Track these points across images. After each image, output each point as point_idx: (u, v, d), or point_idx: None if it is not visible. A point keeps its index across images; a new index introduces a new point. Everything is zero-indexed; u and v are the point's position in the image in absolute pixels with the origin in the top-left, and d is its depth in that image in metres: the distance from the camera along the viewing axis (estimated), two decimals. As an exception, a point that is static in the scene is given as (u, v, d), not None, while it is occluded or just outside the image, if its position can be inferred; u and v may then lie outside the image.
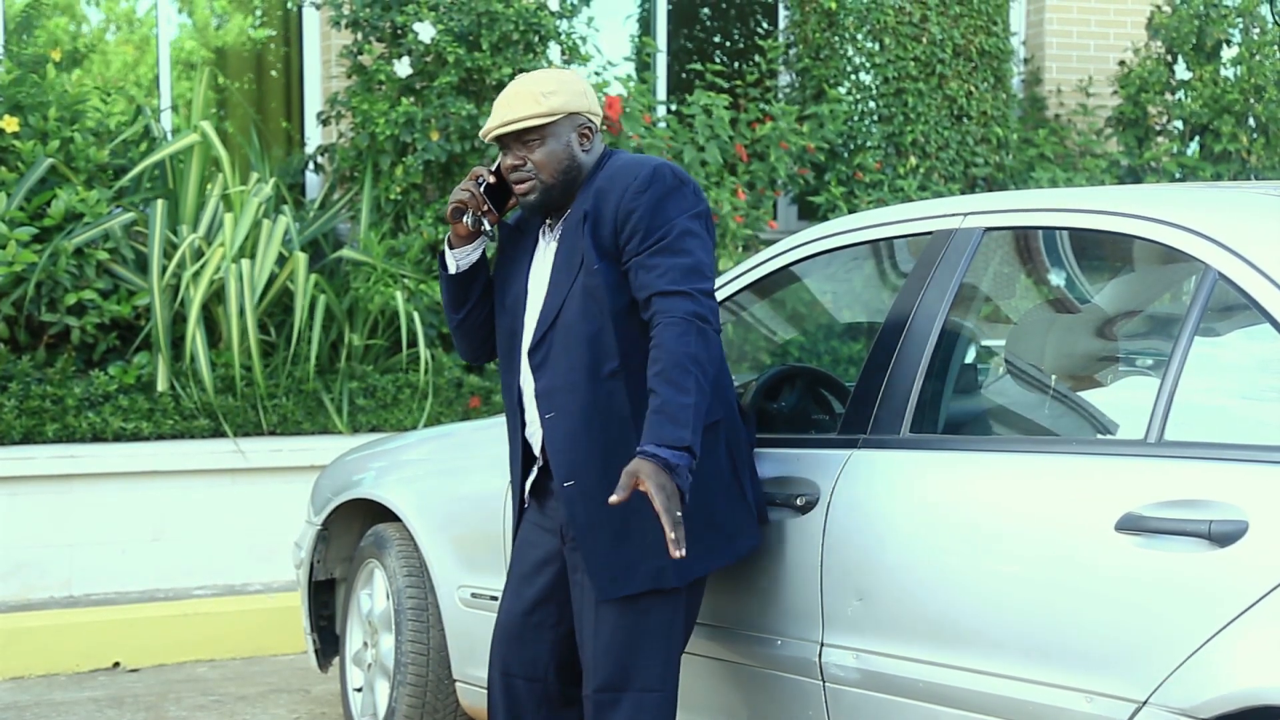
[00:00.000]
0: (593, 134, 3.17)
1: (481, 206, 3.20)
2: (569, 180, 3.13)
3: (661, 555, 2.93)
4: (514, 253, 3.26)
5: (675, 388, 2.87)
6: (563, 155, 3.11)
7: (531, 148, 3.10)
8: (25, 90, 6.45)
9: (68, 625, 5.60)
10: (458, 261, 3.26)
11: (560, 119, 3.11)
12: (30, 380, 6.08)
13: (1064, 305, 3.52)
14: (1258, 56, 8.36)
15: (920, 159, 8.18)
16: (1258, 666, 2.44)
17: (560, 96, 3.10)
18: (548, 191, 3.12)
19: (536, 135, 3.10)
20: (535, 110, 3.08)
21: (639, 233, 3.00)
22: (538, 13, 6.85)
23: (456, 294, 3.30)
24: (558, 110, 3.10)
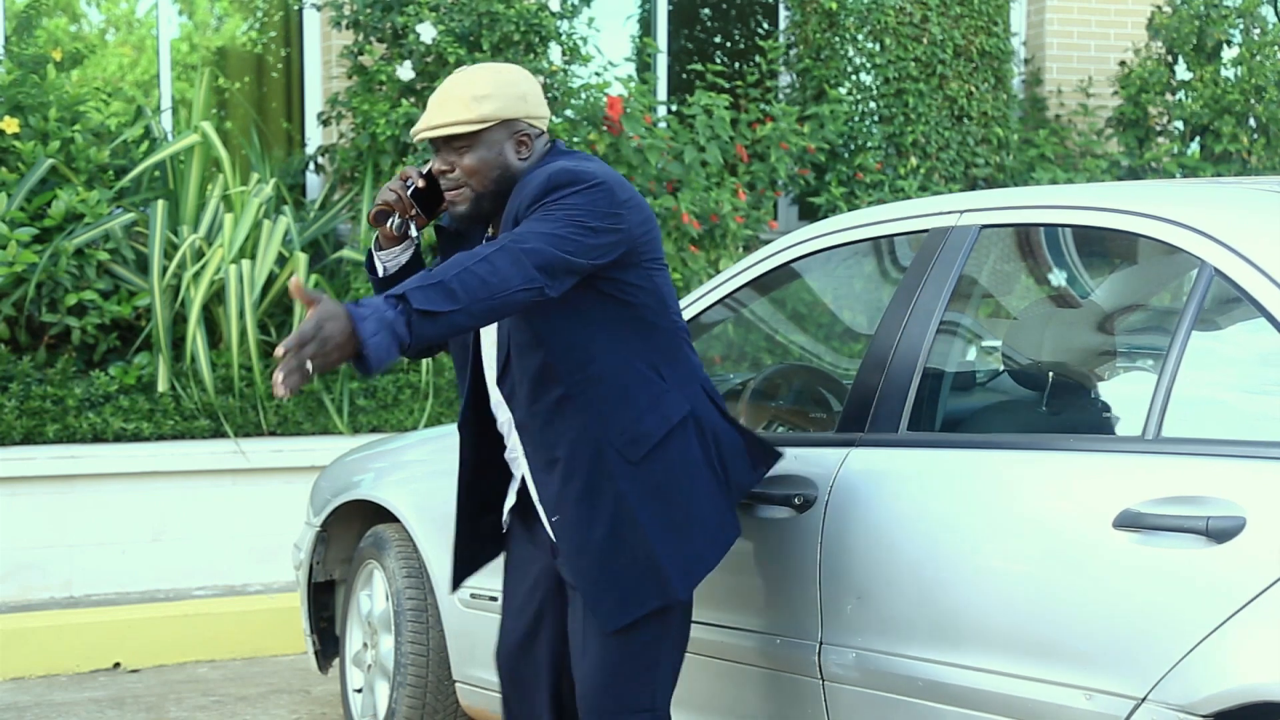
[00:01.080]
0: (532, 140, 2.95)
1: (409, 211, 3.01)
2: (501, 190, 2.93)
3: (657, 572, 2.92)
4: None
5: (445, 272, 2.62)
6: (495, 164, 2.92)
7: (461, 154, 2.91)
8: (26, 91, 6.45)
9: (68, 626, 5.60)
10: (384, 264, 3.07)
11: (493, 126, 2.91)
12: (31, 381, 6.08)
13: (1061, 302, 3.52)
14: (1258, 57, 8.35)
15: (921, 159, 8.18)
16: (1256, 662, 2.43)
17: (494, 102, 2.90)
18: (477, 202, 2.94)
19: (466, 142, 2.91)
20: (464, 116, 2.89)
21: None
22: (539, 13, 6.85)
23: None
24: (489, 117, 2.90)
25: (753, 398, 3.94)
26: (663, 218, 7.13)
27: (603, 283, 2.88)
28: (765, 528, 3.23)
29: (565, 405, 2.91)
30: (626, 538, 2.92)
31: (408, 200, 2.99)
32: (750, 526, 3.27)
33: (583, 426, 2.91)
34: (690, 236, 7.23)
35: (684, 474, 2.96)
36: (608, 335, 2.91)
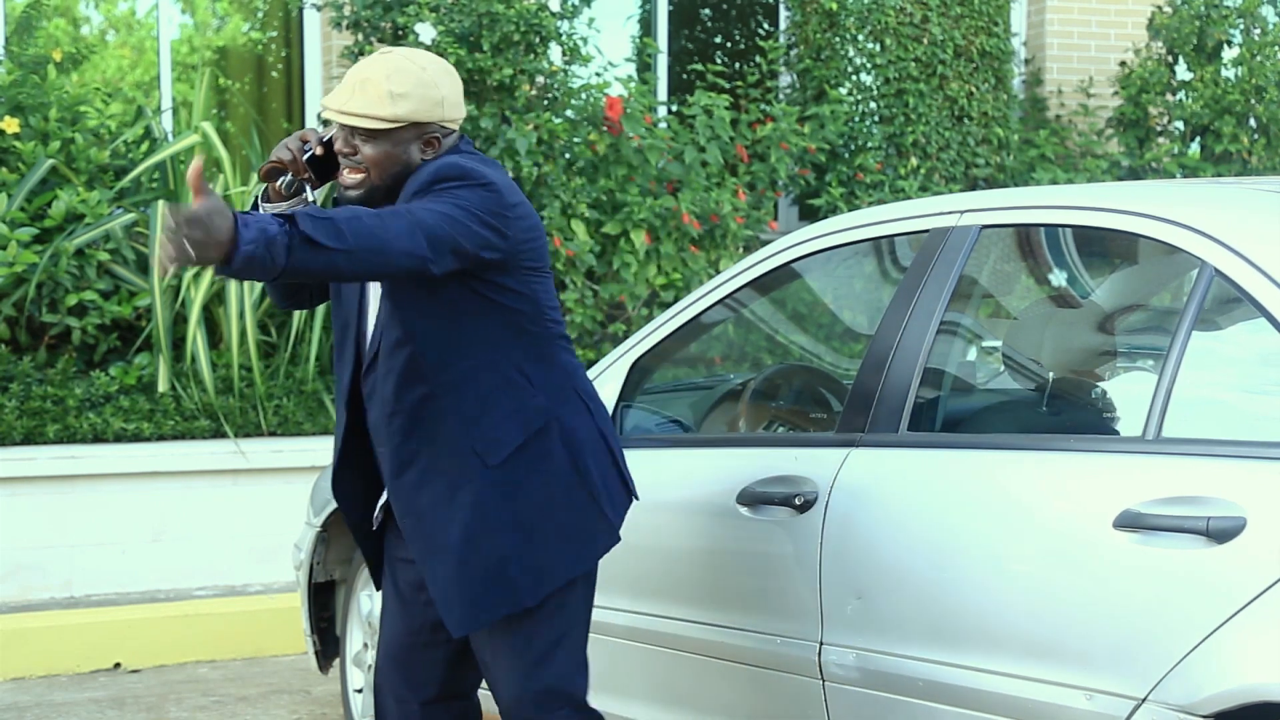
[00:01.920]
0: (440, 141, 2.91)
1: (302, 173, 2.93)
2: (399, 181, 2.89)
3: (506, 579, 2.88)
4: None
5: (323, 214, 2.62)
6: (399, 159, 2.87)
7: (366, 142, 2.87)
8: (26, 91, 6.45)
9: (68, 626, 5.60)
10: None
11: (403, 127, 2.86)
12: (31, 381, 6.08)
13: (1061, 302, 3.52)
14: (1258, 57, 8.35)
15: (921, 160, 8.18)
16: (1257, 662, 2.43)
17: (410, 103, 2.84)
18: (372, 191, 2.89)
19: (373, 134, 2.86)
20: (378, 111, 2.83)
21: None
22: (539, 14, 6.85)
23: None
24: (402, 118, 2.84)
25: (753, 398, 3.94)
26: (663, 218, 7.13)
27: (479, 284, 2.85)
28: (766, 528, 3.23)
29: (428, 404, 2.89)
30: (480, 543, 2.88)
31: (302, 163, 2.93)
32: (751, 527, 3.27)
33: (444, 427, 2.89)
34: (690, 237, 7.23)
35: (543, 481, 2.92)
36: (478, 335, 2.89)
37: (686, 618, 3.43)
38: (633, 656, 3.55)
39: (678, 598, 3.46)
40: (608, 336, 7.21)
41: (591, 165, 7.17)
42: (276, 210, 2.95)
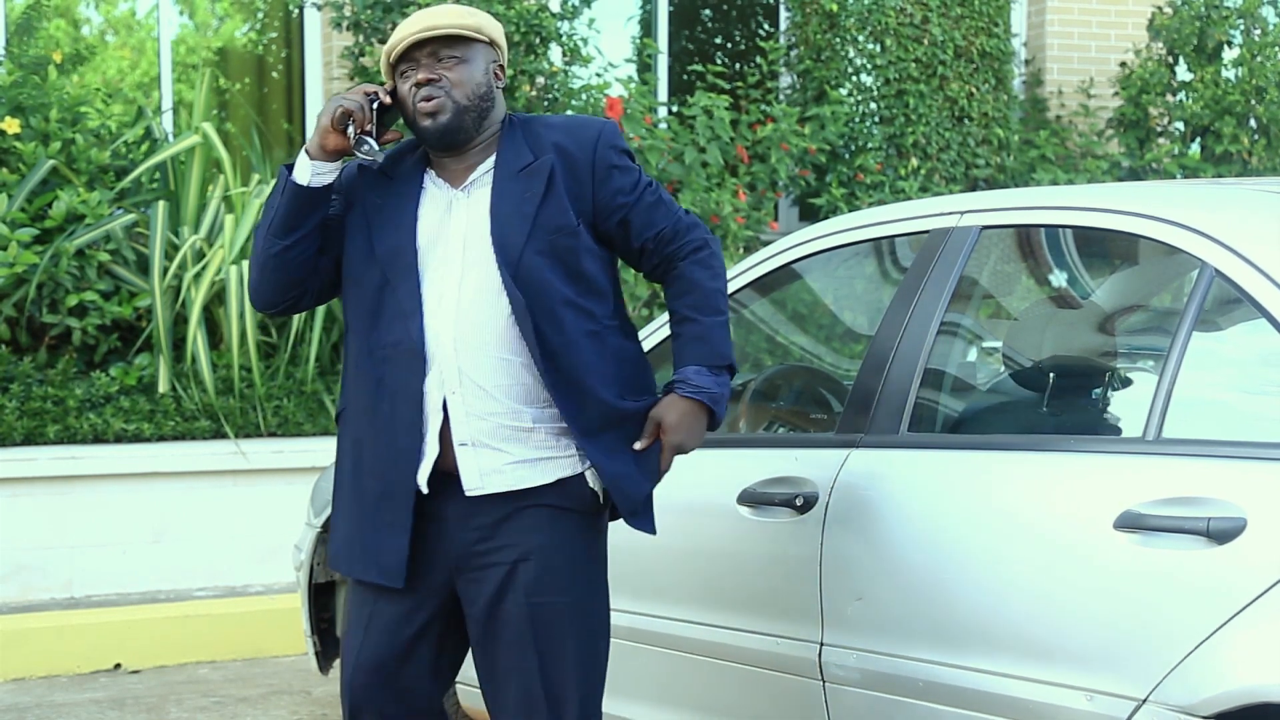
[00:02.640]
0: (503, 75, 2.92)
1: (366, 125, 2.82)
2: (483, 110, 2.85)
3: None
4: (380, 201, 2.89)
5: (710, 311, 2.86)
6: (482, 81, 2.85)
7: (449, 65, 2.82)
8: (27, 92, 6.46)
9: (69, 627, 5.60)
10: (314, 174, 2.83)
11: (483, 44, 2.87)
12: (31, 381, 6.08)
13: (1061, 303, 3.52)
14: (1259, 58, 8.35)
15: (921, 160, 8.18)
16: (1257, 663, 2.43)
17: (487, 19, 2.90)
18: (460, 114, 2.82)
19: (457, 52, 2.83)
20: (464, 22, 2.83)
21: (626, 184, 2.88)
22: (539, 14, 6.85)
23: (295, 213, 2.84)
24: (484, 29, 2.86)
25: (754, 399, 3.94)
26: (663, 219, 7.12)
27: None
28: (767, 529, 3.23)
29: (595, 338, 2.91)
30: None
31: (370, 112, 2.83)
32: (752, 528, 3.27)
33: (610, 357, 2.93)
34: (691, 237, 7.22)
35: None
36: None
37: (687, 618, 3.43)
38: (634, 657, 3.55)
39: (678, 598, 3.46)
40: (608, 337, 7.20)
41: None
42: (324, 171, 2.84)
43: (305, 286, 2.94)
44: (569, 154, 2.85)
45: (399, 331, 2.82)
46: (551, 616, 2.83)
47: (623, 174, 2.88)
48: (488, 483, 2.81)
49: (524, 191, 2.82)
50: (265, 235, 2.88)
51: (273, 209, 2.87)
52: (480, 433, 2.80)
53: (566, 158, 2.85)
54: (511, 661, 2.85)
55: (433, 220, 2.86)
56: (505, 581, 2.83)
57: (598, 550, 2.94)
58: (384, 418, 2.83)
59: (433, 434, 2.81)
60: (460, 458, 2.81)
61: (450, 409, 2.80)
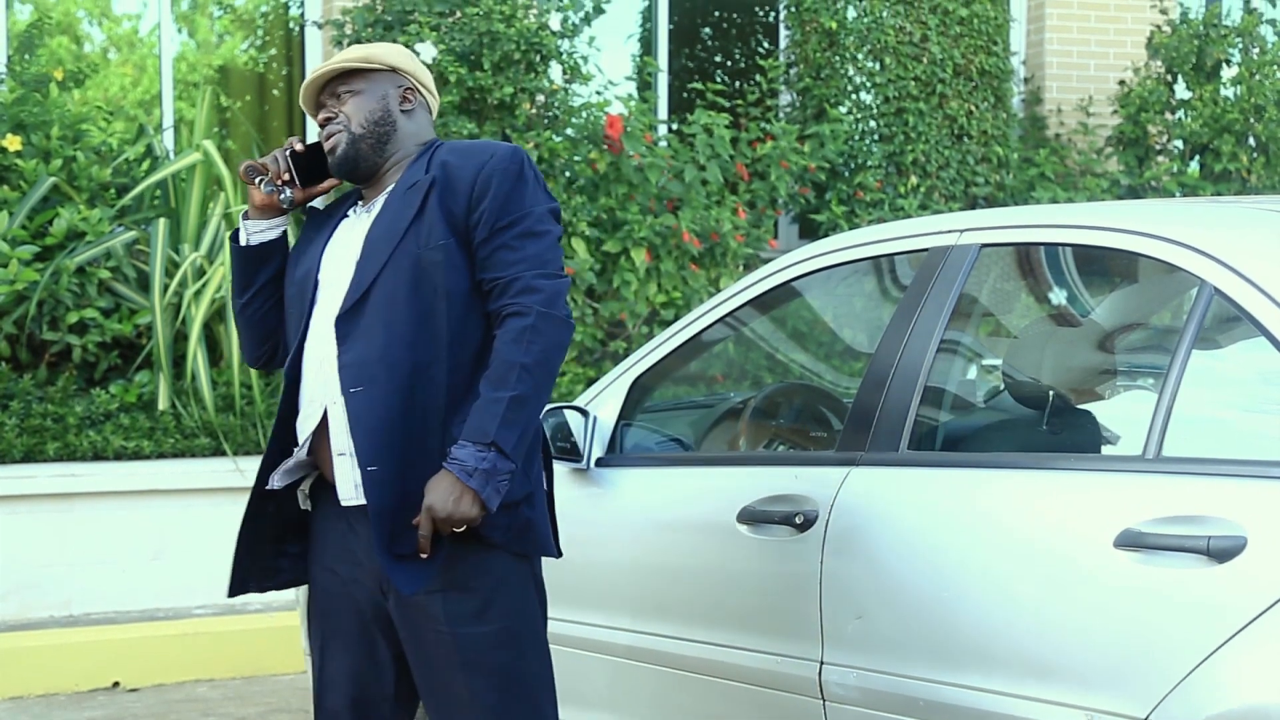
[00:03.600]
0: (415, 98, 2.99)
1: (280, 175, 2.95)
2: (380, 136, 2.93)
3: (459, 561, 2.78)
4: (313, 234, 3.00)
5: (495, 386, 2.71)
6: (376, 107, 2.94)
7: (344, 100, 2.94)
8: (28, 109, 6.47)
9: (67, 645, 5.60)
10: (249, 234, 2.99)
11: (379, 71, 2.95)
12: (31, 399, 6.08)
13: (1061, 321, 3.53)
14: (1257, 76, 8.37)
15: (921, 178, 8.19)
16: (1258, 682, 2.43)
17: (381, 49, 2.98)
18: (355, 143, 2.91)
19: (352, 86, 2.94)
20: (352, 55, 2.95)
21: (495, 211, 2.79)
22: (539, 33, 6.87)
23: (243, 272, 3.01)
24: (375, 60, 2.95)
25: (753, 416, 3.94)
26: (663, 236, 7.14)
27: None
28: (766, 547, 3.23)
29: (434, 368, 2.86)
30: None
31: (283, 162, 2.96)
32: (751, 546, 3.26)
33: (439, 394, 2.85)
34: (691, 255, 7.24)
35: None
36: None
37: (687, 637, 3.42)
38: (634, 676, 3.55)
39: (678, 617, 3.46)
40: (608, 354, 7.21)
41: (592, 183, 7.18)
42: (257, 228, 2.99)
43: (276, 339, 3.03)
44: (453, 171, 2.84)
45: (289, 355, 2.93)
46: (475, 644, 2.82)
47: (499, 201, 2.80)
48: (360, 494, 2.81)
49: (405, 208, 2.84)
50: (231, 296, 3.10)
51: (231, 271, 3.05)
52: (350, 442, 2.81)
53: (449, 175, 2.83)
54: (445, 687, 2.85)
55: (338, 244, 2.94)
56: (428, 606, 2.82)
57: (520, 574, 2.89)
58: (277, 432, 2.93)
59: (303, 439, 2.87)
60: (337, 467, 2.84)
61: (330, 418, 2.83)
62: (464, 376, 2.79)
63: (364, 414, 2.76)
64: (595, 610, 3.59)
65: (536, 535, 2.87)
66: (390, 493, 2.75)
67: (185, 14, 8.28)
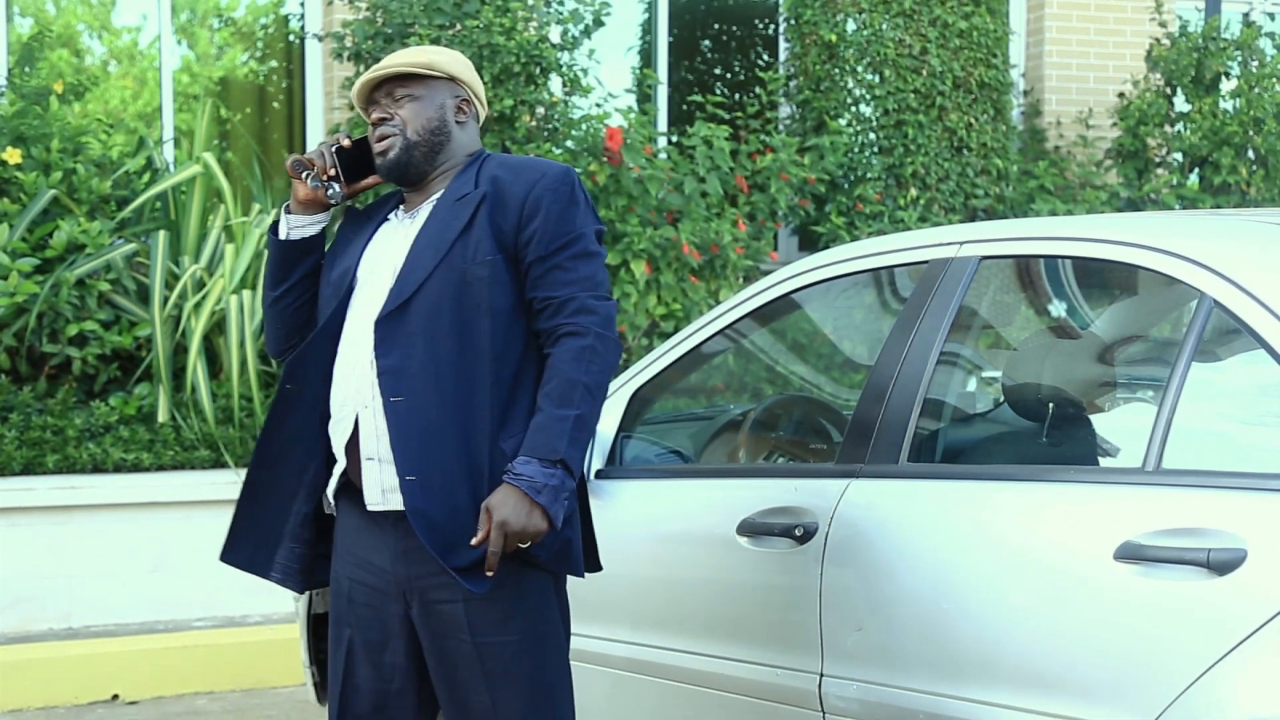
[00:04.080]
0: (469, 110, 2.98)
1: (326, 170, 2.93)
2: (434, 145, 2.92)
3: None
4: (351, 235, 2.99)
5: (559, 403, 2.72)
6: (433, 116, 2.92)
7: (401, 103, 2.91)
8: (28, 122, 6.48)
9: (66, 657, 5.59)
10: (290, 228, 2.97)
11: (438, 79, 2.93)
12: (31, 411, 6.08)
13: (1061, 333, 3.53)
14: (1257, 89, 8.38)
15: (921, 190, 8.20)
16: (1258, 695, 2.43)
17: (444, 57, 2.95)
18: (409, 149, 2.90)
19: (411, 90, 2.92)
20: (413, 60, 2.92)
21: (549, 231, 2.80)
22: (539, 45, 6.88)
23: (280, 265, 2.98)
24: (436, 67, 2.92)
25: (753, 428, 3.94)
26: (663, 248, 7.14)
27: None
28: (766, 559, 3.23)
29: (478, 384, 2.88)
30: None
31: (329, 158, 2.95)
32: (751, 558, 3.26)
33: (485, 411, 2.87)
34: (690, 267, 7.24)
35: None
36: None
37: (687, 649, 3.42)
38: (633, 688, 3.54)
39: (678, 629, 3.45)
40: (608, 367, 7.20)
41: (592, 195, 7.19)
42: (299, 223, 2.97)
43: (305, 334, 3.00)
44: (504, 187, 2.85)
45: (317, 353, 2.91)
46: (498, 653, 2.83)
47: (551, 221, 2.81)
48: (390, 500, 2.82)
49: (453, 219, 2.85)
50: (264, 287, 3.03)
51: (267, 263, 3.01)
52: (385, 449, 2.81)
53: (500, 190, 2.84)
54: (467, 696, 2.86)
55: (377, 247, 2.93)
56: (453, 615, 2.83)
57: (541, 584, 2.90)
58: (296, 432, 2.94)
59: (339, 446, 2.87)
60: (365, 472, 2.84)
61: (360, 423, 2.83)
62: (505, 392, 2.80)
63: (405, 423, 2.76)
64: (595, 622, 3.58)
65: (573, 555, 2.89)
66: (436, 503, 2.75)
67: (185, 26, 8.29)
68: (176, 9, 8.08)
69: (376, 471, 2.82)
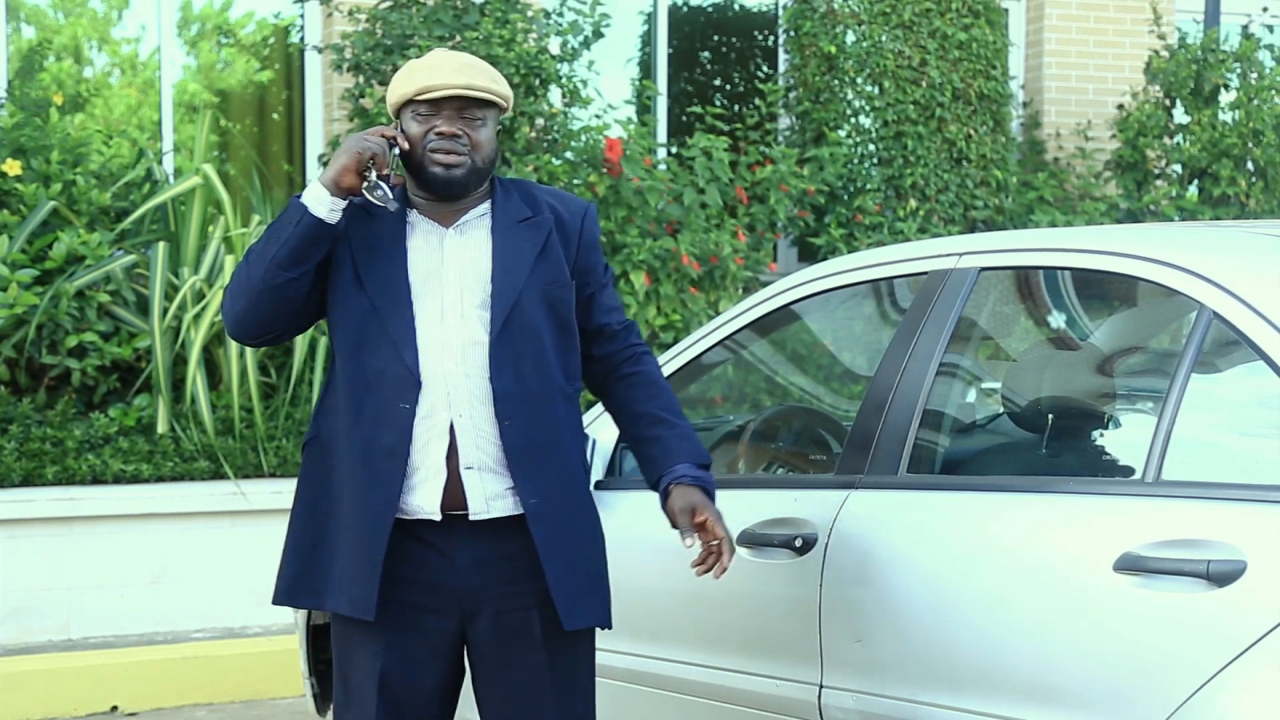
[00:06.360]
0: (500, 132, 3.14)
1: (384, 168, 2.86)
2: (488, 171, 2.95)
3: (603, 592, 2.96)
4: (368, 236, 2.90)
5: (682, 416, 3.03)
6: (494, 143, 2.96)
7: (475, 126, 2.89)
8: (28, 133, 6.48)
9: (66, 669, 5.58)
10: (330, 209, 2.83)
11: (502, 108, 2.95)
12: (30, 422, 6.08)
13: (1060, 345, 3.53)
14: (1255, 101, 8.39)
15: (920, 202, 8.20)
16: (1257, 707, 2.42)
17: (505, 87, 2.95)
18: (472, 173, 2.90)
19: (481, 114, 2.90)
20: (496, 88, 2.91)
21: (601, 263, 3.05)
22: (539, 56, 6.89)
23: (305, 248, 2.83)
24: (506, 97, 2.94)
25: (753, 439, 3.94)
26: (663, 259, 7.15)
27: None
28: (765, 570, 3.22)
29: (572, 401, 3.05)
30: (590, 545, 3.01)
31: (388, 157, 2.88)
32: (751, 569, 3.26)
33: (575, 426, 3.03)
34: (690, 278, 7.25)
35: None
36: None
37: (686, 660, 3.42)
38: (633, 699, 3.54)
39: (678, 640, 3.45)
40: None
41: (591, 206, 7.19)
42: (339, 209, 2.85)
43: (294, 319, 2.95)
44: (562, 217, 2.99)
45: (387, 357, 2.84)
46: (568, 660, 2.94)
47: (598, 254, 3.05)
48: (493, 507, 2.86)
49: (524, 240, 2.93)
50: (269, 267, 2.84)
51: (278, 241, 2.84)
52: (488, 457, 2.85)
53: (560, 220, 2.99)
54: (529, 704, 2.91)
55: (424, 254, 2.91)
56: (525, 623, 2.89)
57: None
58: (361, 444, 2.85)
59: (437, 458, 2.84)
60: (466, 481, 2.84)
61: (457, 432, 2.83)
62: (574, 409, 2.97)
63: (518, 442, 2.85)
64: (594, 634, 3.58)
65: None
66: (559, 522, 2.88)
67: (186, 38, 8.30)
68: (177, 21, 8.09)
69: (478, 480, 2.86)
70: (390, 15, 6.99)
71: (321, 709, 4.68)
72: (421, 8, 7.03)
